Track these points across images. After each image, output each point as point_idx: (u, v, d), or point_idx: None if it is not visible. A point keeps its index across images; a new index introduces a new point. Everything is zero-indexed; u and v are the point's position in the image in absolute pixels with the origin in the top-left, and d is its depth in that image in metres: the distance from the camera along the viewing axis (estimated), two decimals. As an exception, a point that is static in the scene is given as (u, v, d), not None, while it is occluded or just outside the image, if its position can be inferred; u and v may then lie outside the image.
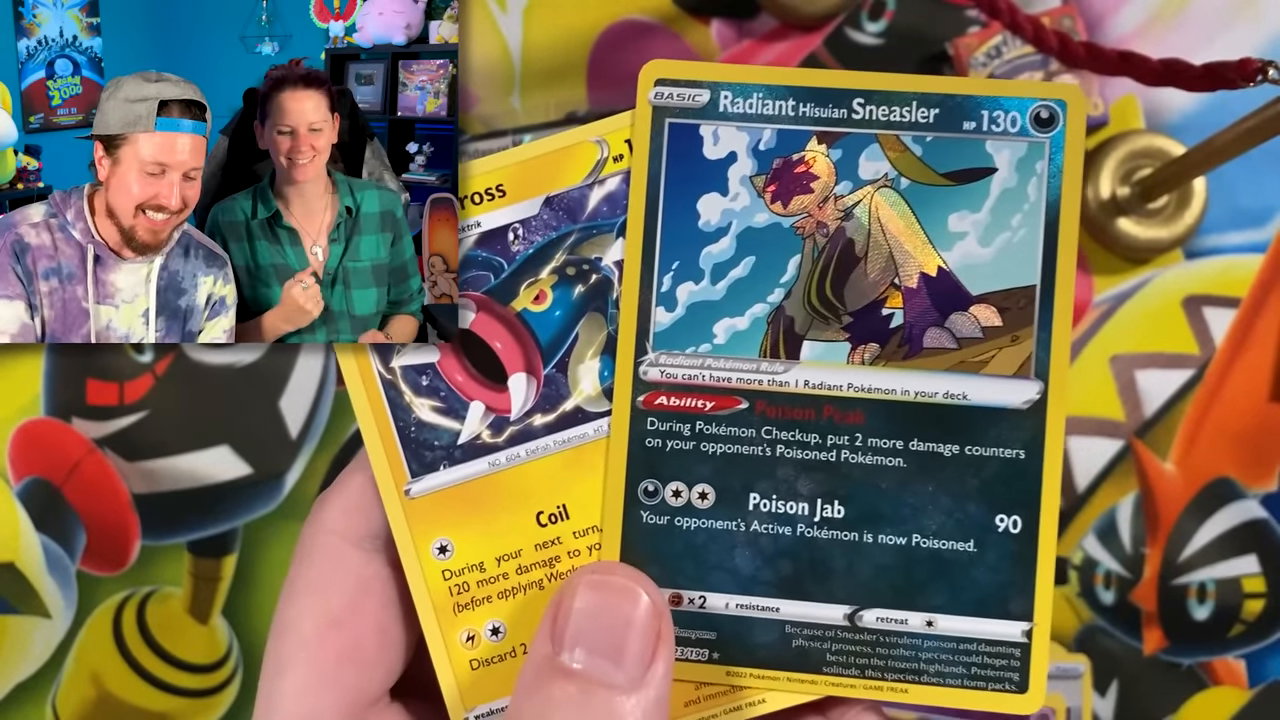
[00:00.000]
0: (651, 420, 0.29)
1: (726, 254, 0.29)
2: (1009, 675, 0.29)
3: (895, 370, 0.29)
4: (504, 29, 0.59)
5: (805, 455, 0.29)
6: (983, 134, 0.29)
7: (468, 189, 0.33)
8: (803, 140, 0.29)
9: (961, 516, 0.29)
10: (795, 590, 0.29)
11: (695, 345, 0.29)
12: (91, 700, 0.57)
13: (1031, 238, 0.29)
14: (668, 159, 0.29)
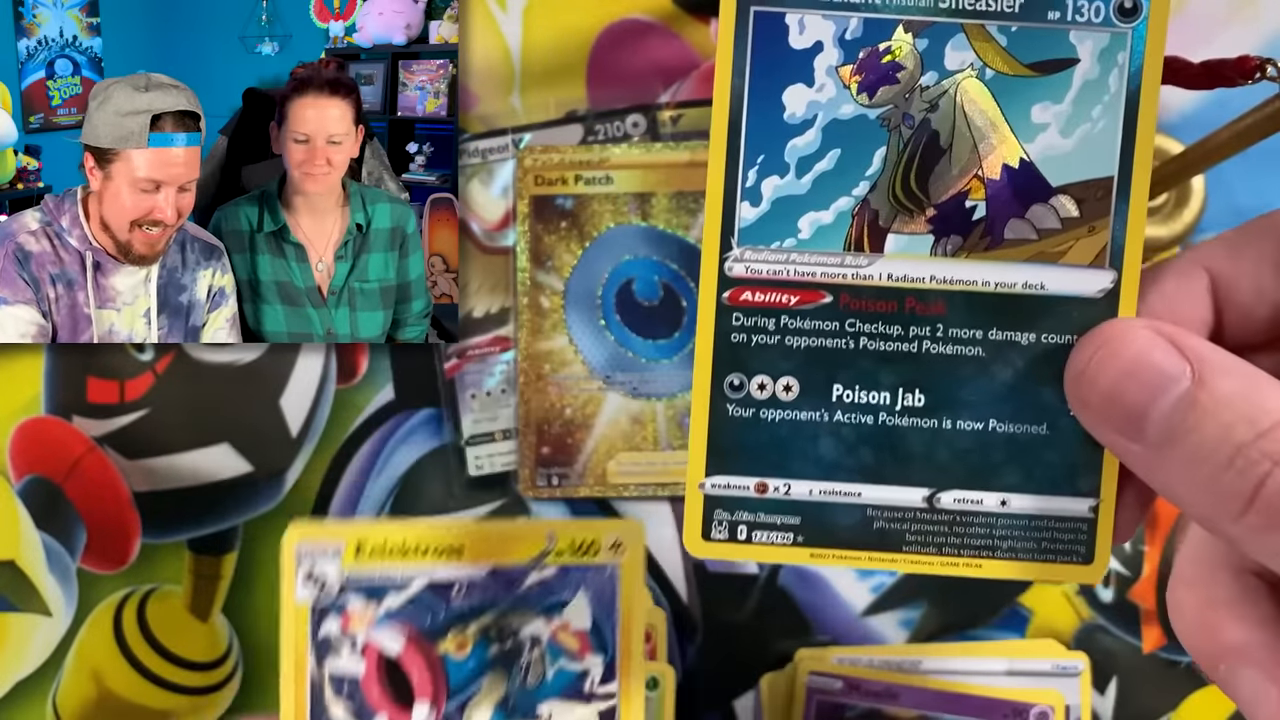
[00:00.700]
0: (737, 315, 0.30)
1: (812, 147, 0.29)
2: (1076, 548, 0.30)
3: (976, 261, 0.30)
4: (504, 29, 0.59)
5: (887, 347, 0.30)
6: (1067, 24, 0.29)
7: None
8: (889, 29, 0.29)
9: (1035, 402, 0.30)
10: (876, 475, 0.30)
11: (780, 240, 0.30)
12: (92, 698, 0.57)
13: (1111, 129, 0.29)
14: (753, 49, 0.29)
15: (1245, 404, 0.24)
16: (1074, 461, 0.30)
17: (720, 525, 0.31)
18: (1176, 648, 0.56)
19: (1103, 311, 0.29)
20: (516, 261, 0.57)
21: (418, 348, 0.58)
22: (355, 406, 0.57)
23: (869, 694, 0.53)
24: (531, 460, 0.56)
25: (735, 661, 0.56)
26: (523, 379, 0.56)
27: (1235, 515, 0.24)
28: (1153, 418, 0.25)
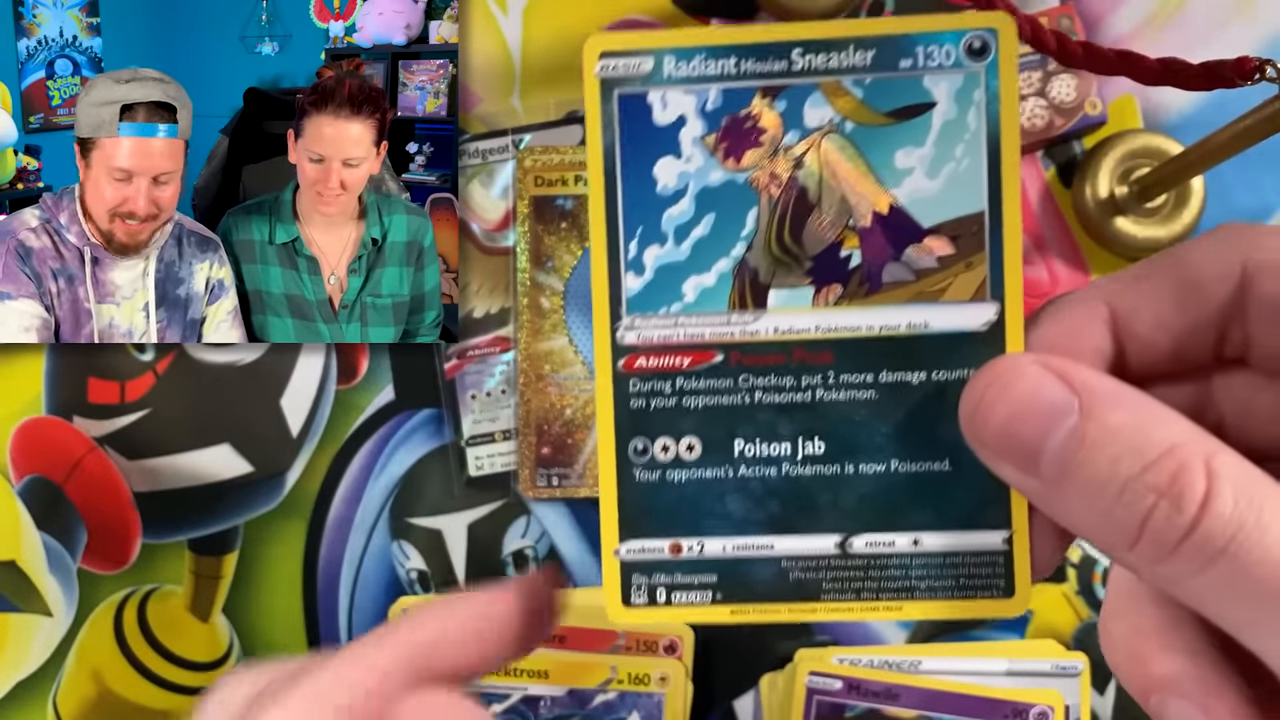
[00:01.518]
0: (634, 382, 0.31)
1: (687, 215, 0.30)
2: (995, 582, 0.30)
3: (859, 308, 0.30)
4: (504, 29, 0.59)
5: (782, 398, 0.30)
6: (919, 70, 0.30)
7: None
8: (748, 96, 0.30)
9: (935, 439, 0.30)
10: (786, 526, 0.30)
11: (667, 305, 0.30)
12: (92, 698, 0.57)
13: (975, 165, 0.30)
14: (620, 129, 0.30)
15: (1133, 435, 0.24)
16: (981, 495, 0.30)
17: (639, 590, 0.31)
18: (1176, 648, 0.56)
19: (989, 344, 0.30)
20: (516, 262, 0.57)
21: (418, 348, 0.58)
22: (356, 407, 0.57)
23: (869, 694, 0.53)
24: (531, 460, 0.56)
25: (735, 661, 0.56)
26: (523, 379, 0.56)
27: (1128, 547, 0.24)
28: (1046, 453, 0.25)
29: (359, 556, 0.57)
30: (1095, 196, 0.56)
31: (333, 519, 0.57)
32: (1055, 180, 0.58)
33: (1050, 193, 0.58)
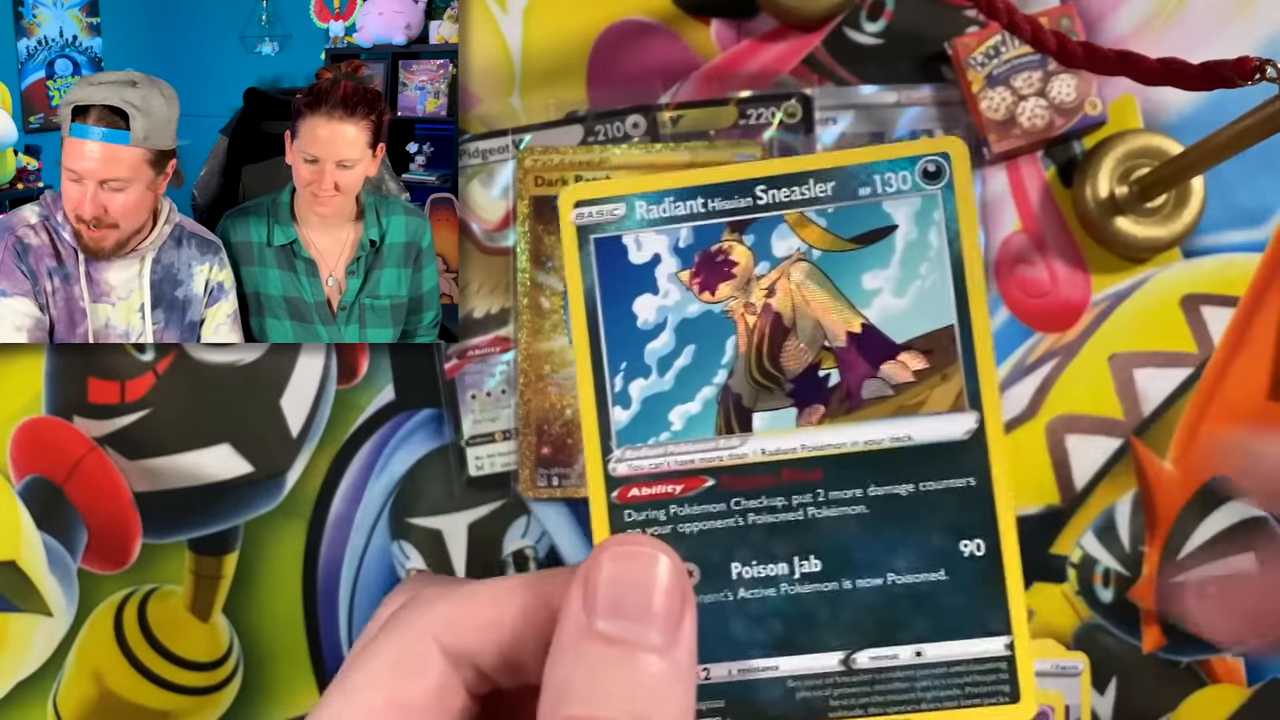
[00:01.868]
0: (628, 512, 0.31)
1: (668, 347, 0.32)
2: (1000, 688, 0.31)
3: (841, 425, 0.31)
4: (504, 29, 0.59)
5: (774, 518, 0.31)
6: (879, 196, 0.31)
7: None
8: (717, 232, 0.32)
9: (928, 549, 0.31)
10: (789, 646, 0.31)
11: (656, 435, 0.31)
12: (92, 698, 0.57)
13: (941, 281, 0.31)
14: (598, 271, 0.32)
15: None
16: (979, 601, 0.31)
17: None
18: (1176, 648, 0.56)
19: (972, 451, 0.31)
20: (517, 262, 0.57)
21: (418, 348, 0.58)
22: (356, 407, 0.57)
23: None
24: (532, 460, 0.56)
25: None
26: (523, 379, 0.56)
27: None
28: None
29: (359, 556, 0.57)
30: (1095, 196, 0.56)
31: (333, 519, 0.57)
32: (1055, 180, 0.58)
33: (1050, 193, 0.58)
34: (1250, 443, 0.52)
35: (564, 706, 0.25)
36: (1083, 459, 0.57)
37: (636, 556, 0.27)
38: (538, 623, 0.28)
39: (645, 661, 0.25)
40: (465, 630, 0.29)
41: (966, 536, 0.31)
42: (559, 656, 0.26)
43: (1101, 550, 0.56)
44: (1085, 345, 0.57)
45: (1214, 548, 0.56)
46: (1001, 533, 0.31)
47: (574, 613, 0.26)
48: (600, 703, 0.25)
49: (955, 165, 0.31)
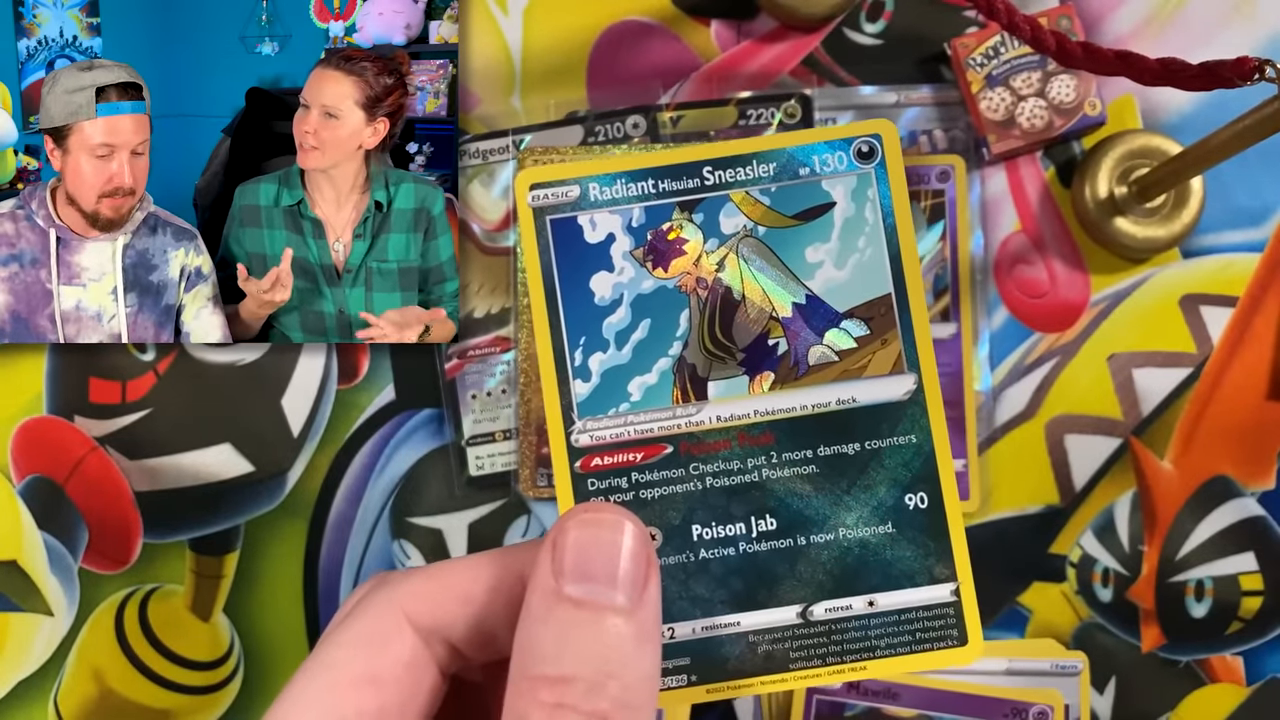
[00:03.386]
0: (591, 481, 0.33)
1: (625, 322, 0.33)
2: (949, 633, 0.33)
3: (790, 390, 0.33)
4: (504, 29, 0.59)
5: (731, 481, 0.33)
6: (817, 176, 0.33)
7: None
8: (668, 212, 0.33)
9: (876, 504, 0.33)
10: (749, 602, 0.32)
11: (615, 406, 0.33)
12: (93, 697, 0.57)
13: (878, 254, 0.33)
14: (555, 250, 0.33)
15: None
16: (925, 552, 0.32)
17: None
18: (1175, 647, 0.56)
19: (914, 410, 0.33)
20: (517, 262, 0.57)
21: (418, 348, 0.58)
22: (356, 406, 0.57)
23: (869, 693, 0.53)
24: (532, 460, 0.56)
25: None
26: (523, 379, 0.56)
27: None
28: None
29: (360, 556, 0.57)
30: (1095, 197, 0.56)
31: (333, 519, 0.57)
32: (1055, 180, 0.58)
33: (1050, 193, 0.58)
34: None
35: (533, 667, 0.26)
36: (1082, 459, 0.57)
37: (602, 523, 0.28)
38: (508, 594, 0.29)
39: (612, 623, 0.26)
40: (436, 603, 0.29)
41: (911, 490, 0.33)
42: (528, 620, 0.27)
43: (1101, 550, 0.57)
44: (1084, 345, 0.57)
45: (1213, 547, 0.56)
46: (943, 485, 0.33)
47: (542, 578, 0.27)
48: (569, 663, 0.26)
49: (887, 145, 0.33)
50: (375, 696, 0.28)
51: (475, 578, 0.30)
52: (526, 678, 0.26)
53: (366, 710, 0.28)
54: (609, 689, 0.26)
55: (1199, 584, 0.56)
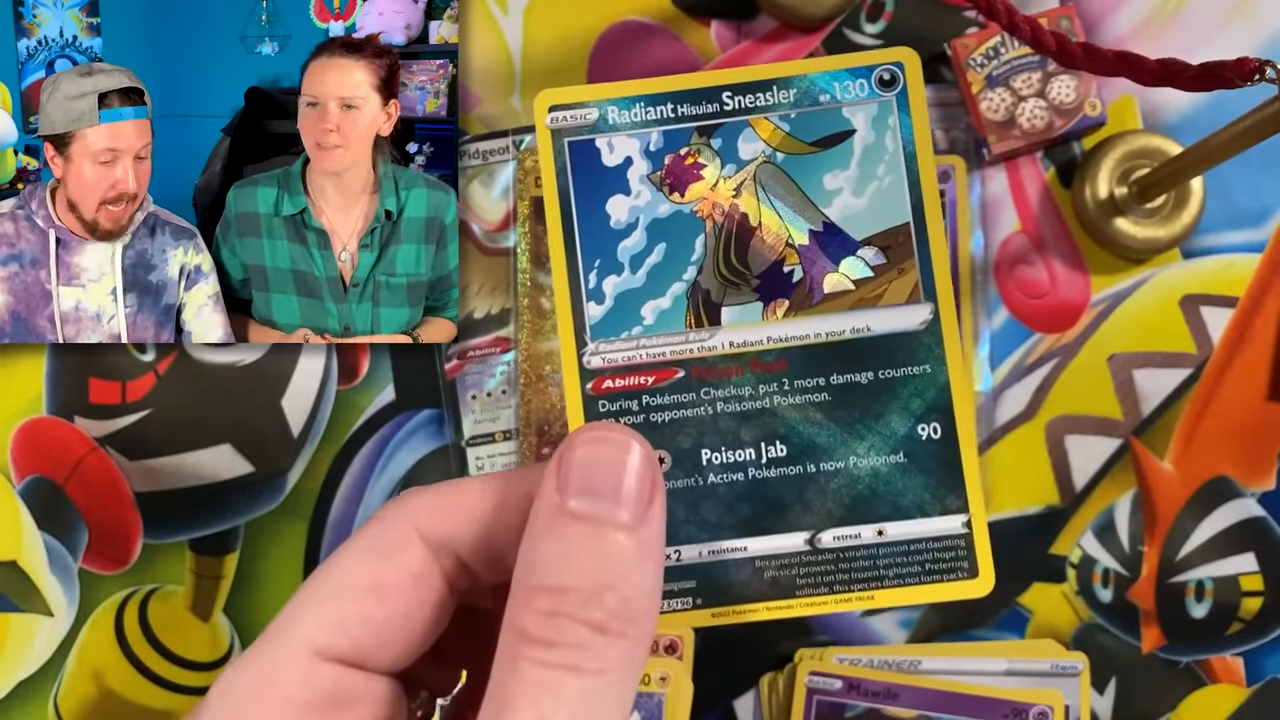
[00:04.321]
0: (602, 403, 0.33)
1: (640, 245, 0.33)
2: (959, 564, 0.32)
3: (805, 318, 0.33)
4: (504, 29, 0.59)
5: (742, 407, 0.33)
6: (838, 103, 0.33)
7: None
8: (686, 136, 0.33)
9: (887, 433, 0.32)
10: (757, 528, 0.32)
11: (628, 329, 0.33)
12: (93, 698, 0.57)
13: (897, 182, 0.33)
14: (572, 172, 0.33)
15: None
16: (937, 483, 0.32)
17: None
18: (1175, 648, 0.56)
19: (929, 339, 0.33)
20: (517, 262, 0.57)
21: (419, 348, 0.58)
22: (356, 407, 0.57)
23: (869, 694, 0.53)
24: (532, 461, 0.56)
25: (735, 661, 0.56)
26: (523, 380, 0.56)
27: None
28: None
29: (360, 556, 0.57)
30: (1095, 197, 0.56)
31: (334, 519, 0.57)
32: (1055, 181, 0.58)
33: (1050, 193, 0.58)
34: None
35: (535, 577, 0.26)
36: (1082, 459, 0.57)
37: (609, 441, 0.28)
38: (516, 512, 0.29)
39: (615, 538, 0.27)
40: (445, 518, 0.29)
41: (924, 421, 0.32)
42: (531, 534, 0.27)
43: (1101, 550, 0.57)
44: (1085, 346, 0.57)
45: (1213, 548, 0.56)
46: (957, 416, 0.32)
47: (548, 493, 0.27)
48: (568, 574, 0.26)
49: (909, 73, 0.33)
50: (381, 605, 0.28)
51: (485, 494, 0.30)
52: (525, 588, 0.26)
53: (373, 618, 0.28)
54: (606, 600, 0.26)
55: (1199, 584, 0.56)
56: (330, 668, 0.28)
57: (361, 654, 0.28)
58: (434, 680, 0.32)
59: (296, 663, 0.27)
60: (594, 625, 0.26)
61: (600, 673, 0.26)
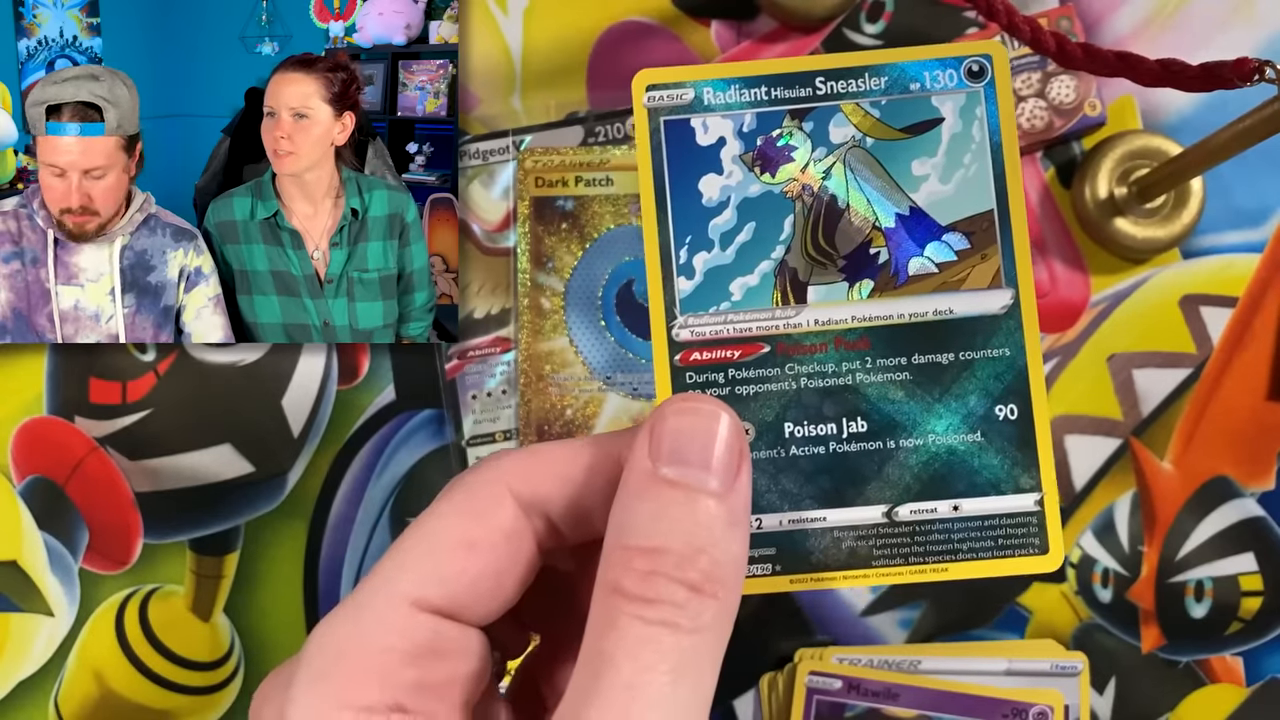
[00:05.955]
0: (690, 375, 0.34)
1: (730, 223, 0.34)
2: (1031, 540, 0.33)
3: (889, 299, 0.34)
4: (504, 29, 0.59)
5: (825, 383, 0.34)
6: (927, 92, 0.34)
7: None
8: (779, 119, 0.34)
9: (966, 413, 0.33)
10: (837, 499, 0.33)
11: (716, 304, 0.34)
12: (94, 698, 0.57)
13: (982, 171, 0.34)
14: (667, 151, 0.34)
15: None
16: (1012, 462, 0.33)
17: None
18: (1175, 648, 0.56)
19: (1009, 324, 0.34)
20: (517, 263, 0.57)
21: (419, 348, 0.58)
22: (357, 407, 0.57)
23: (869, 694, 0.53)
24: (532, 460, 0.56)
25: (735, 661, 0.56)
26: (523, 380, 0.56)
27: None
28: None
29: (360, 556, 0.57)
30: (1095, 197, 0.56)
31: (334, 519, 0.57)
32: (1055, 181, 0.58)
33: (1050, 193, 0.58)
34: None
35: (628, 538, 0.27)
36: (1082, 459, 0.57)
37: (699, 412, 0.29)
38: (606, 475, 0.30)
39: (704, 504, 0.28)
40: (537, 479, 0.30)
41: (1001, 402, 0.33)
42: (625, 497, 0.28)
43: (1100, 550, 0.57)
44: (1084, 345, 0.57)
45: (1213, 547, 0.56)
46: (1034, 398, 0.33)
47: (639, 459, 0.28)
48: (662, 536, 0.27)
49: (997, 66, 0.34)
50: (474, 560, 0.29)
51: (575, 458, 0.30)
52: (621, 547, 0.27)
53: (467, 570, 0.29)
54: (699, 562, 0.27)
55: (1199, 584, 0.56)
56: (427, 618, 0.28)
57: (456, 606, 0.29)
58: (507, 640, 0.33)
59: (395, 613, 0.28)
60: (690, 585, 0.27)
61: (696, 631, 0.27)
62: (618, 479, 0.29)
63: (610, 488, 0.29)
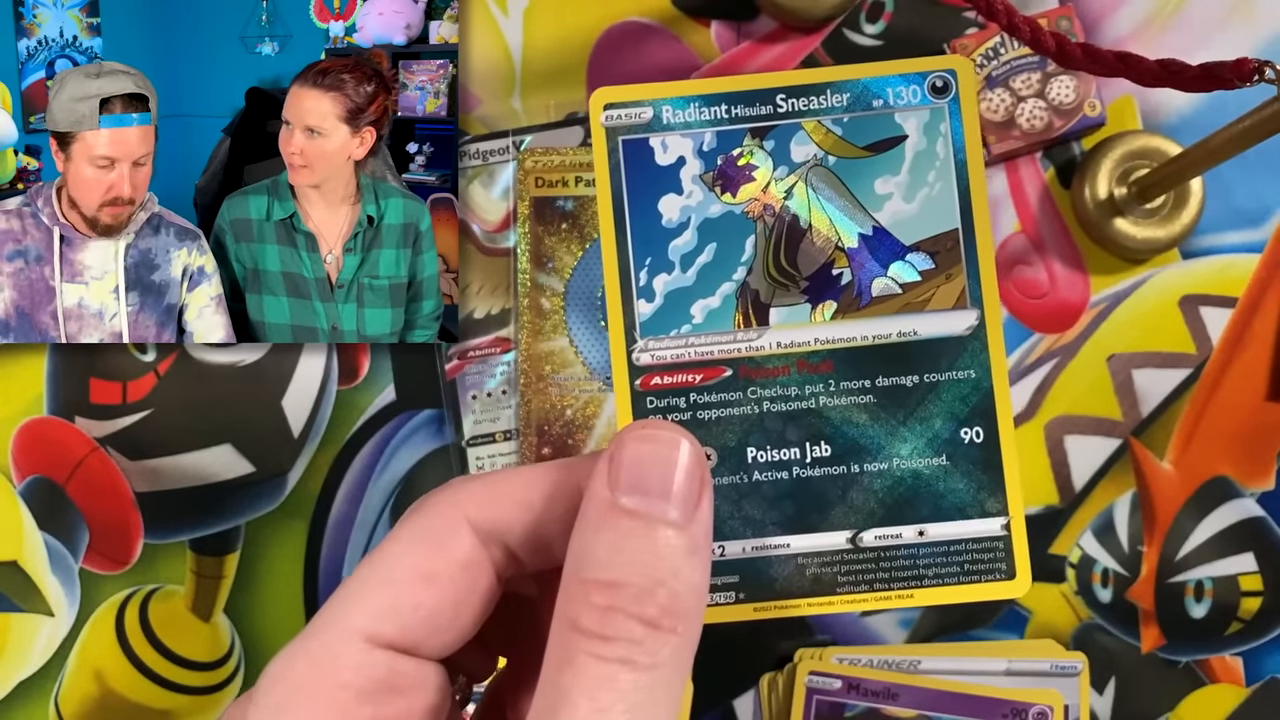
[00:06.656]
0: (650, 399, 0.33)
1: (690, 244, 0.33)
2: (997, 565, 0.33)
3: (852, 320, 0.33)
4: (504, 29, 0.59)
5: (788, 407, 0.33)
6: (890, 108, 0.33)
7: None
8: (739, 137, 0.34)
9: (931, 436, 0.33)
10: (800, 525, 0.33)
11: (677, 327, 0.33)
12: (94, 698, 0.57)
13: (947, 189, 0.33)
14: (626, 170, 0.34)
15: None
16: (978, 486, 0.33)
17: None
18: (1175, 648, 0.56)
19: (974, 345, 0.33)
20: (517, 263, 0.57)
21: (419, 348, 0.58)
22: (357, 407, 0.57)
23: (869, 694, 0.53)
24: (532, 461, 0.56)
25: (735, 661, 0.56)
26: (523, 380, 0.56)
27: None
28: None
29: (360, 557, 0.57)
30: (1094, 197, 0.56)
31: (334, 519, 0.57)
32: (1054, 181, 0.58)
33: (1049, 194, 0.58)
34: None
35: (586, 571, 0.27)
36: (1081, 459, 0.57)
37: (659, 439, 0.28)
38: (565, 503, 0.30)
39: (664, 535, 0.27)
40: (495, 507, 0.30)
41: (967, 425, 0.33)
42: (583, 528, 0.28)
43: (1100, 550, 0.57)
44: (1084, 346, 0.57)
45: (1213, 547, 0.56)
46: (1000, 421, 0.33)
47: (598, 488, 0.28)
48: (620, 569, 0.27)
49: (961, 81, 0.33)
50: (431, 593, 0.28)
51: (534, 485, 0.30)
52: (579, 581, 0.27)
53: (423, 605, 0.28)
54: (658, 596, 0.26)
55: (1198, 584, 0.56)
56: (382, 654, 0.28)
57: (412, 641, 0.28)
58: (472, 666, 0.33)
59: (349, 649, 0.28)
60: (647, 621, 0.26)
61: (653, 667, 0.26)
62: (578, 506, 0.28)
63: (570, 515, 0.28)
